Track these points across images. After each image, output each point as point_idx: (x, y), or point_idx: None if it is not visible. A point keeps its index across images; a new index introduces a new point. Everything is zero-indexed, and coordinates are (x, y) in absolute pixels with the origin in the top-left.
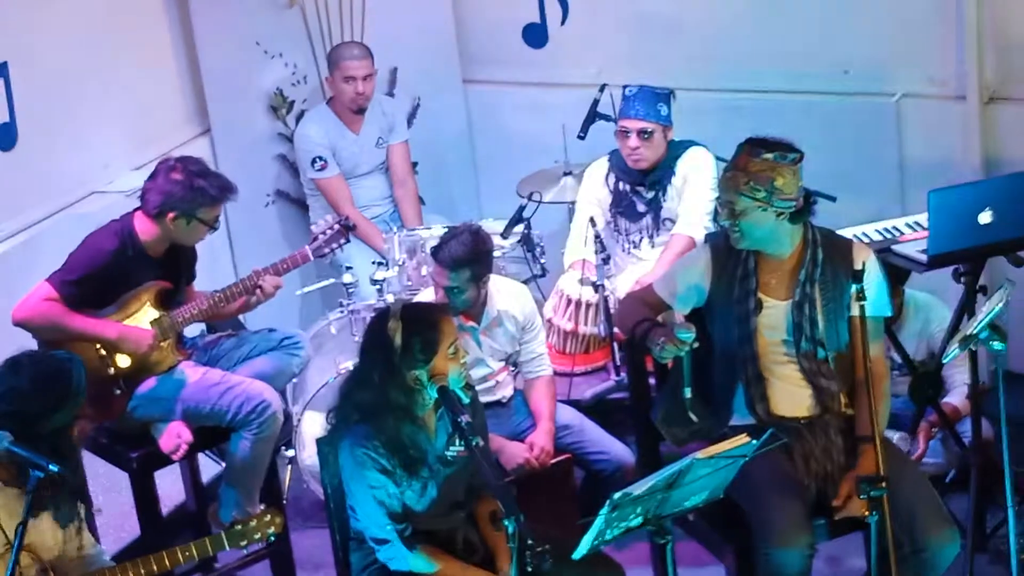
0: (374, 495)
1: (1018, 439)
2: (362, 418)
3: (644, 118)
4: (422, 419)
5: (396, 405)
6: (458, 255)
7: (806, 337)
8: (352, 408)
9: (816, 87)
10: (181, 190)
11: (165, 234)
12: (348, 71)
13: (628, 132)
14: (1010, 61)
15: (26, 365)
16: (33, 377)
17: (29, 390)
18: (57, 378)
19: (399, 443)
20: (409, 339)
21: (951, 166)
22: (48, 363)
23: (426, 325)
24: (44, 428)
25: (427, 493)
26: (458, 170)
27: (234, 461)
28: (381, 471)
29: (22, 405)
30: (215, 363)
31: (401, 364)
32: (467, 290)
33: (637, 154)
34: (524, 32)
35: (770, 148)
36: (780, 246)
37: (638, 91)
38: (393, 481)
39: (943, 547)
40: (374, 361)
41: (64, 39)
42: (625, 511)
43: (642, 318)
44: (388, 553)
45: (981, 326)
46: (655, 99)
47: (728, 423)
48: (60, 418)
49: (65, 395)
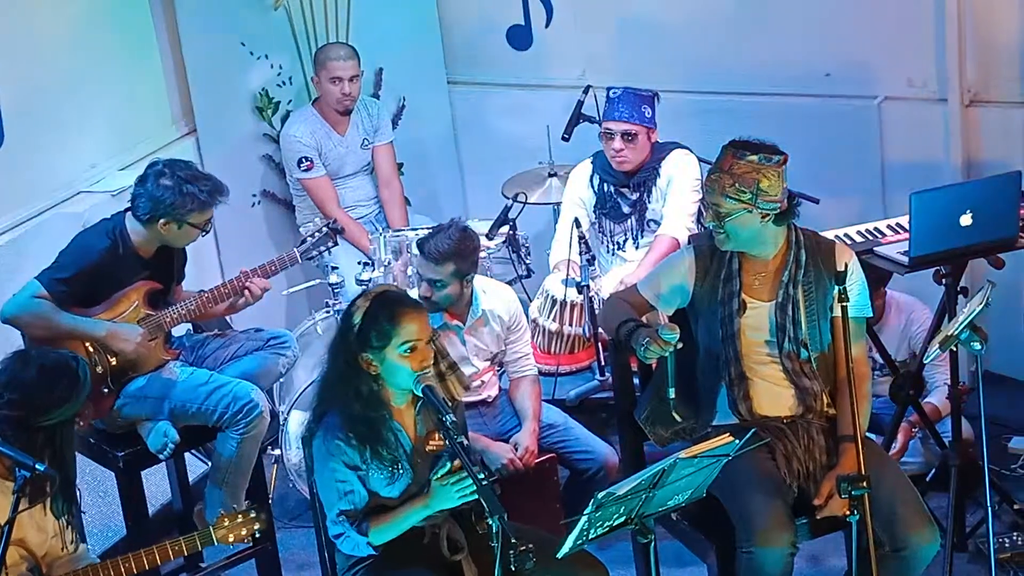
0: (338, 488)
1: (997, 439)
2: (332, 404)
3: (628, 120)
4: (398, 411)
5: (359, 388)
6: (443, 249)
7: (789, 338)
8: (324, 393)
9: (798, 90)
10: (171, 196)
11: (156, 237)
12: (335, 72)
13: (612, 134)
14: (990, 64)
15: (34, 357)
16: (41, 368)
17: (37, 382)
18: (65, 372)
19: (369, 432)
20: (367, 321)
21: (932, 168)
22: (55, 357)
23: (388, 315)
24: (48, 421)
25: (403, 485)
26: (443, 171)
27: (220, 461)
28: (350, 466)
29: (29, 396)
30: (202, 362)
31: (354, 342)
32: (449, 284)
33: (621, 156)
34: (509, 34)
35: (754, 150)
36: (765, 247)
37: (622, 93)
38: (363, 476)
39: (923, 546)
40: (340, 337)
41: (51, 40)
42: (609, 510)
43: (626, 318)
44: (346, 546)
45: (962, 327)
46: (639, 101)
47: (711, 423)
48: (64, 412)
49: (72, 389)
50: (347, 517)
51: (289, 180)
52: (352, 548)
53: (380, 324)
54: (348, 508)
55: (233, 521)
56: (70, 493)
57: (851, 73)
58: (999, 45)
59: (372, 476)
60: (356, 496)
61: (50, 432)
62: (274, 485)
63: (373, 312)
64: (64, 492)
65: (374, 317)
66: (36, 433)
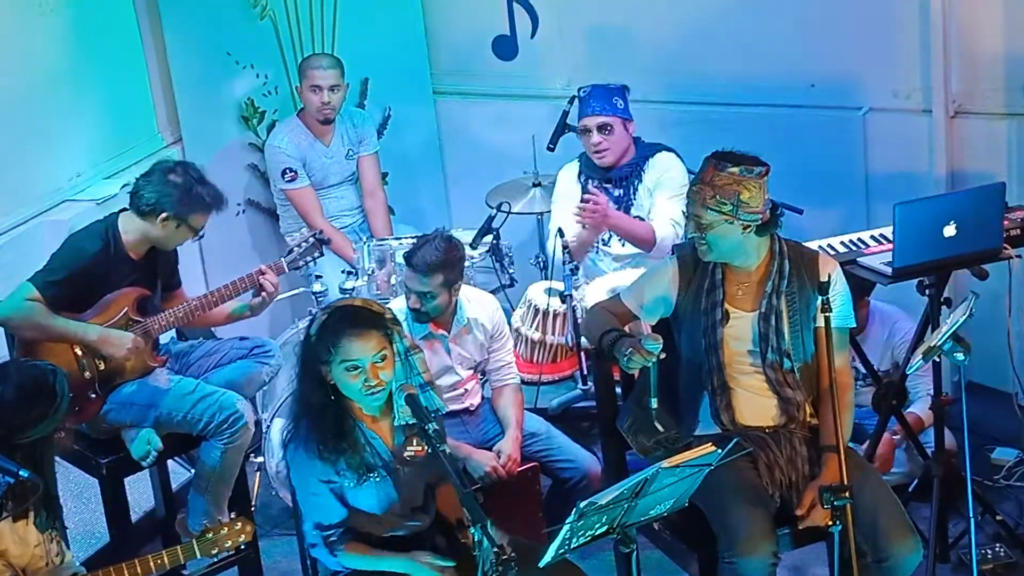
0: (312, 499)
1: (980, 450)
2: (305, 413)
3: (601, 113)
4: (373, 420)
5: (324, 398)
6: (431, 260)
7: (772, 348)
8: (297, 402)
9: (784, 100)
10: (178, 193)
11: (148, 235)
12: (314, 80)
13: (589, 130)
14: (975, 76)
15: (12, 374)
16: (18, 386)
17: (13, 400)
18: (41, 390)
19: (339, 442)
20: (320, 334)
21: (916, 179)
22: (32, 374)
23: (334, 332)
24: (26, 439)
25: (383, 495)
26: (428, 180)
27: (204, 469)
28: (322, 480)
29: (5, 415)
30: (187, 370)
31: (312, 353)
32: (439, 295)
33: (601, 149)
34: (494, 44)
35: (736, 162)
36: (747, 258)
37: (591, 90)
38: (338, 489)
39: (905, 556)
40: (302, 348)
41: (36, 48)
42: (591, 519)
43: (609, 328)
44: (317, 553)
45: (945, 338)
46: (608, 94)
47: (694, 432)
48: (41, 429)
49: (48, 407)
50: (320, 531)
51: (273, 190)
52: (325, 559)
53: (328, 340)
54: (321, 522)
55: (217, 533)
56: (53, 507)
57: (836, 84)
58: (983, 57)
59: (348, 489)
60: (331, 511)
61: (29, 449)
62: (257, 493)
63: (326, 326)
64: (47, 506)
65: (325, 332)
66: (15, 451)
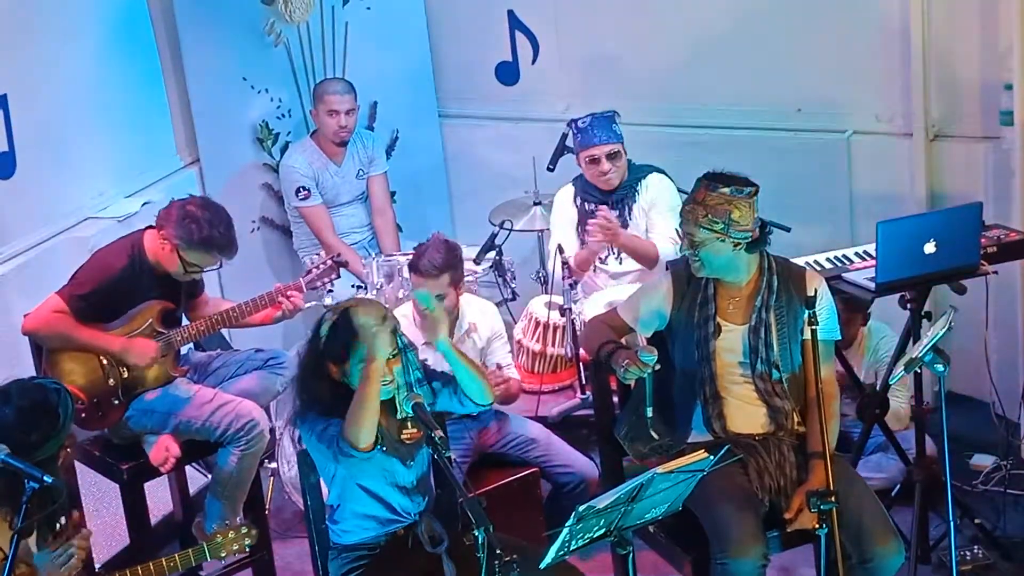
0: (327, 438)
1: (959, 456)
2: (309, 405)
3: (608, 141)
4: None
5: (331, 389)
6: (438, 263)
7: (761, 359)
8: (301, 395)
9: (772, 124)
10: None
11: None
12: (332, 105)
13: (597, 158)
14: (954, 101)
15: (14, 396)
16: (19, 408)
17: (14, 422)
18: (44, 412)
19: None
20: (332, 334)
21: (898, 199)
22: (34, 395)
23: (351, 331)
24: (29, 459)
25: (387, 469)
26: (434, 199)
27: (220, 475)
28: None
29: (9, 439)
30: (205, 379)
31: (321, 351)
32: (448, 294)
33: (610, 176)
34: (497, 70)
35: (727, 182)
36: (738, 274)
37: (591, 120)
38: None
39: (888, 558)
40: (308, 346)
41: (61, 74)
42: (589, 523)
43: (607, 340)
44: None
45: (925, 349)
46: (608, 123)
47: (687, 439)
48: (46, 450)
49: (51, 428)
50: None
51: (287, 208)
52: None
53: (344, 338)
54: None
55: (225, 536)
56: (53, 524)
57: (821, 108)
58: (962, 83)
59: (356, 463)
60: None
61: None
62: (270, 497)
63: (339, 324)
64: (58, 520)
65: (340, 329)
66: None
